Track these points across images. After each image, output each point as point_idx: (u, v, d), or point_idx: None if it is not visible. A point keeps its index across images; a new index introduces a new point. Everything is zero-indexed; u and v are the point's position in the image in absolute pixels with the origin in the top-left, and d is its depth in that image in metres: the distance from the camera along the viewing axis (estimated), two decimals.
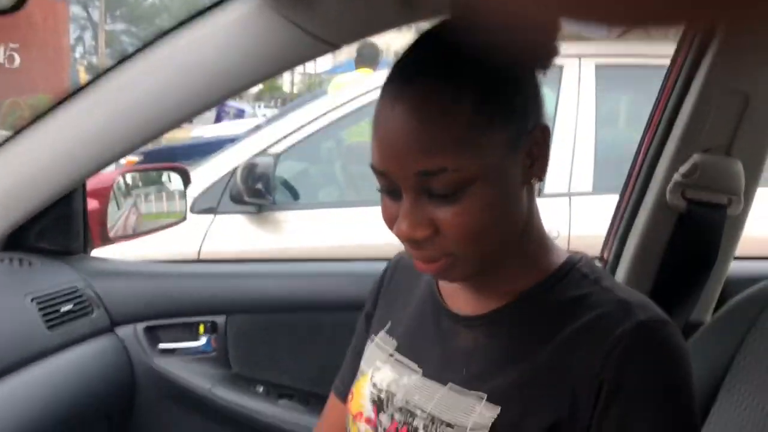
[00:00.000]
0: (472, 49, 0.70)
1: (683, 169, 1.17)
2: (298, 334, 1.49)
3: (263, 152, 3.02)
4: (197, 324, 1.49)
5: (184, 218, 1.78)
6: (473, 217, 0.72)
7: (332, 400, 1.04)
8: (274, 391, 1.48)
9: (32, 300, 1.29)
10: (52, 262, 1.44)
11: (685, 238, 1.23)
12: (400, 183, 0.74)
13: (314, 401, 1.47)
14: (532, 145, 0.75)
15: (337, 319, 1.47)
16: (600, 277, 0.79)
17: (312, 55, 1.14)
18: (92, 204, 1.57)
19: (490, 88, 0.72)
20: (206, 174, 3.02)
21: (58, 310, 1.33)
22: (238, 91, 1.22)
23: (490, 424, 0.74)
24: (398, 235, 0.75)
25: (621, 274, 1.36)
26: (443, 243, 0.74)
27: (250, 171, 2.78)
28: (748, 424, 1.00)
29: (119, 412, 1.44)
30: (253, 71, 1.18)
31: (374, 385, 0.87)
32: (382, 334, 0.93)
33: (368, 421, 0.86)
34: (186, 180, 1.79)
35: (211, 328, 1.48)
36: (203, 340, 1.49)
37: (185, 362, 1.48)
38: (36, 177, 1.36)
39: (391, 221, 0.77)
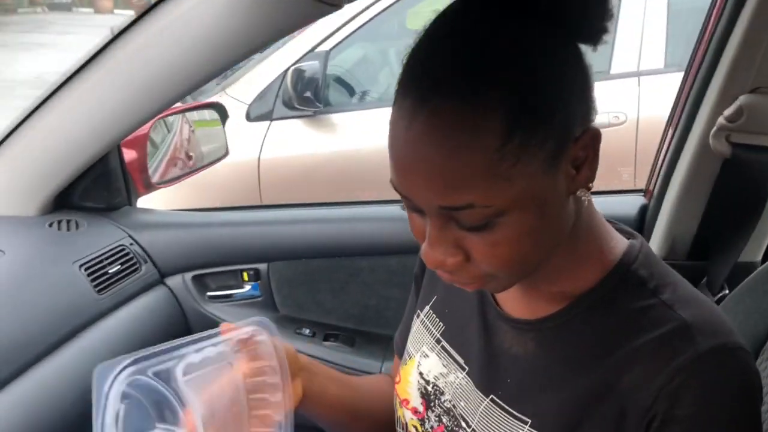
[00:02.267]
0: (505, 34, 0.59)
1: (728, 112, 1.06)
2: (337, 277, 1.51)
3: (313, 50, 2.92)
4: (241, 271, 1.53)
5: (227, 153, 1.79)
6: (508, 246, 0.64)
7: (395, 359, 1.03)
8: (320, 332, 1.53)
9: (80, 267, 1.35)
10: (98, 221, 1.50)
11: (731, 182, 1.14)
12: (422, 208, 0.65)
13: (359, 340, 1.52)
14: (578, 152, 0.64)
15: (374, 264, 1.49)
16: (660, 285, 0.70)
17: (314, 16, 1.06)
18: (131, 154, 1.59)
19: (528, 100, 0.60)
20: (258, 78, 2.99)
21: (106, 273, 1.39)
22: (245, 56, 1.18)
23: None
24: (425, 260, 0.68)
25: (666, 210, 1.29)
26: (475, 267, 0.67)
27: (299, 76, 2.73)
28: None
29: None
30: (256, 35, 1.12)
31: (421, 374, 0.86)
32: (427, 310, 0.90)
33: (415, 411, 0.85)
34: (223, 115, 1.78)
35: (255, 276, 1.53)
36: (248, 287, 1.53)
37: (234, 307, 1.55)
38: (75, 140, 1.40)
39: (420, 236, 0.69)
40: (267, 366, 0.80)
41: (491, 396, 0.77)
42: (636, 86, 2.80)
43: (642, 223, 1.36)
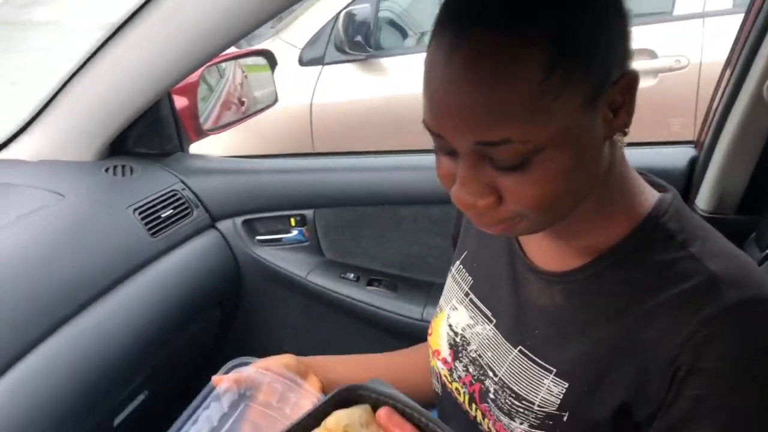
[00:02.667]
0: None
1: None
2: (381, 225, 1.53)
3: None
4: (288, 217, 1.57)
5: (276, 101, 1.81)
6: (543, 186, 0.63)
7: None
8: (364, 277, 1.56)
9: (134, 211, 1.40)
10: (151, 167, 1.55)
11: None
12: (456, 147, 0.64)
13: (402, 286, 1.55)
14: (615, 95, 0.64)
15: (416, 212, 1.50)
16: (688, 239, 0.70)
17: None
18: (182, 101, 1.63)
19: (570, 35, 0.59)
20: (311, 21, 2.97)
21: (159, 216, 1.44)
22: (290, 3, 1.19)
23: (558, 402, 0.72)
24: (456, 201, 0.67)
25: (716, 163, 1.25)
26: (507, 209, 0.66)
27: (350, 20, 2.70)
28: None
29: (229, 297, 1.59)
30: None
31: (450, 326, 0.89)
32: (458, 265, 0.92)
33: (445, 362, 0.89)
34: (273, 62, 1.79)
35: (301, 222, 1.56)
36: (295, 232, 1.57)
37: (282, 251, 1.59)
38: (128, 87, 1.44)
39: (448, 180, 0.68)
40: (273, 378, 0.88)
41: (519, 347, 0.78)
42: (701, 28, 2.68)
43: (691, 175, 1.33)
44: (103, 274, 1.27)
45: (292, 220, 1.56)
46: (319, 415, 0.79)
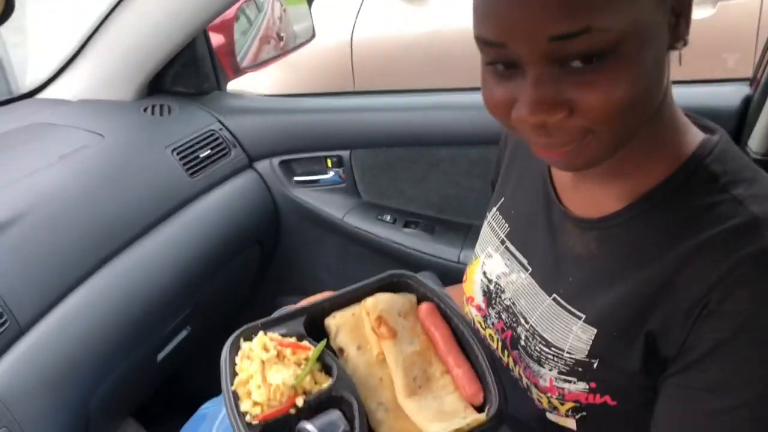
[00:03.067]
0: None
1: None
2: (418, 166, 1.51)
3: None
4: (325, 158, 1.55)
5: (313, 36, 1.78)
6: (618, 88, 0.59)
7: None
8: (401, 219, 1.55)
9: (172, 151, 1.41)
10: (189, 106, 1.54)
11: None
12: (523, 54, 0.60)
13: (439, 228, 1.53)
14: (675, 1, 0.62)
15: (454, 154, 1.47)
16: (732, 181, 0.67)
17: None
18: (219, 39, 1.61)
19: None
20: None
21: (197, 156, 1.45)
22: None
23: (587, 349, 0.72)
24: (520, 121, 0.63)
25: None
26: (575, 125, 0.62)
27: None
28: None
29: (267, 237, 1.61)
30: None
31: (485, 274, 0.88)
32: (494, 211, 0.91)
33: (479, 309, 0.89)
34: None
35: (338, 162, 1.55)
36: (332, 173, 1.56)
37: (319, 192, 1.58)
38: (164, 24, 1.43)
39: (501, 106, 0.64)
40: None
41: (553, 295, 0.77)
42: None
43: (744, 115, 1.26)
44: (144, 213, 1.29)
45: (329, 161, 1.55)
46: (364, 292, 0.80)
